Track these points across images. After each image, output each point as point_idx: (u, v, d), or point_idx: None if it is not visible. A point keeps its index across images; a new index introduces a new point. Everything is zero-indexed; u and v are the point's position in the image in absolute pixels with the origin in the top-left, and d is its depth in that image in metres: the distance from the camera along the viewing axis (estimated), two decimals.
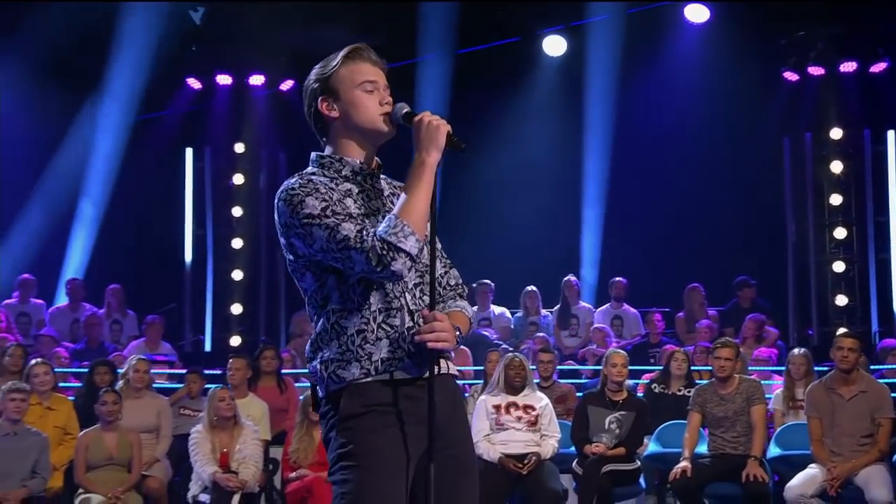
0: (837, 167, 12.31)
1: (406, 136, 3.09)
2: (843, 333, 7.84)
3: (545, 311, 12.09)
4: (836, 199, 12.29)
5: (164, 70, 12.35)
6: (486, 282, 12.07)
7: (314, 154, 3.15)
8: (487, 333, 11.59)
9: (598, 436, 7.87)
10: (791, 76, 12.40)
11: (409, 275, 3.04)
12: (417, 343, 3.00)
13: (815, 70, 12.22)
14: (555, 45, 13.27)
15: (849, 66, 12.16)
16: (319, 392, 3.08)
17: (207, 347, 12.82)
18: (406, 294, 3.07)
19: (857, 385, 7.50)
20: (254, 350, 10.03)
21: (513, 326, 12.01)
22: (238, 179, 12.96)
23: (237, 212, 12.91)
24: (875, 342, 11.28)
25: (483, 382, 9.01)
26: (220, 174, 13.09)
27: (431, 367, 3.03)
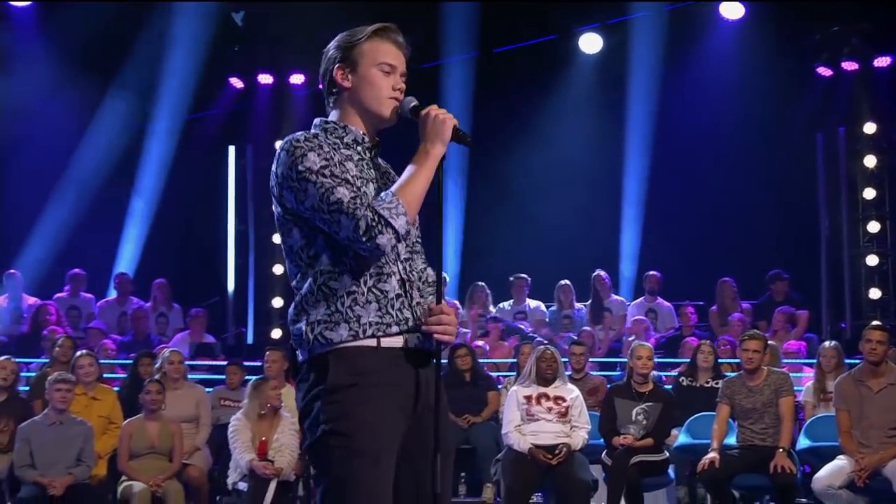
0: (871, 161, 12.18)
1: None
2: (872, 326, 7.71)
3: (579, 305, 12.04)
4: (870, 194, 12.16)
5: (209, 70, 12.46)
6: (523, 276, 12.09)
7: (318, 119, 3.11)
8: (523, 326, 11.59)
9: (626, 427, 7.82)
10: (824, 71, 12.26)
11: (400, 247, 3.01)
12: (424, 331, 2.97)
13: (849, 65, 12.09)
14: (591, 43, 13.20)
15: (883, 62, 12.04)
16: (300, 356, 2.98)
17: (249, 340, 12.90)
18: (399, 262, 3.02)
19: (886, 377, 7.40)
20: None
21: (547, 320, 11.98)
22: None
23: (278, 208, 12.91)
24: None
25: (516, 374, 8.99)
26: (262, 171, 13.10)
27: (438, 357, 3.02)
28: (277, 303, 12.79)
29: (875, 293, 11.97)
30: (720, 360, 9.17)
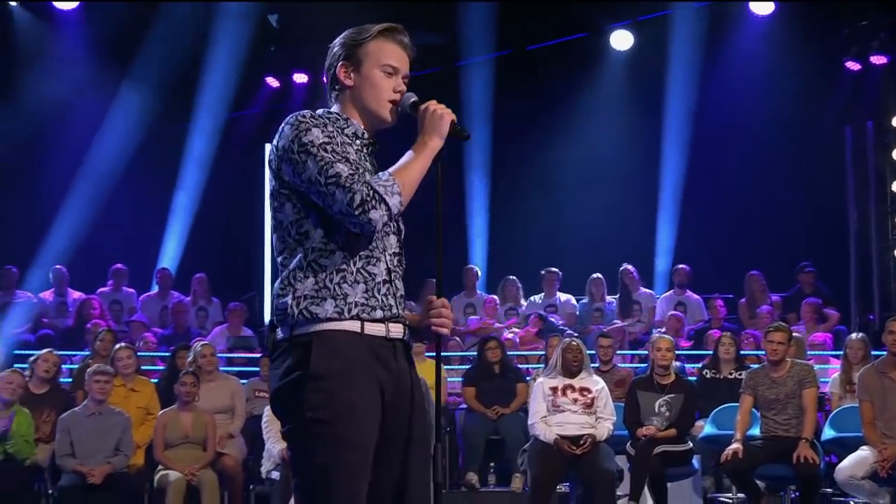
0: None
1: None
2: (895, 318, 7.64)
3: (610, 298, 12.00)
4: None
5: (247, 70, 12.54)
6: (553, 270, 12.07)
7: (321, 110, 3.08)
8: (554, 319, 11.56)
9: (649, 419, 7.78)
10: (853, 66, 12.10)
11: (391, 240, 3.00)
12: (417, 324, 2.98)
13: (878, 59, 11.90)
14: (622, 40, 13.14)
15: None
16: (280, 333, 2.93)
17: None
18: (387, 252, 2.99)
19: None
20: None
21: (578, 313, 11.94)
22: None
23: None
24: None
25: (544, 366, 8.96)
26: None
27: (438, 350, 3.02)
28: None
29: None
30: (746, 353, 9.10)
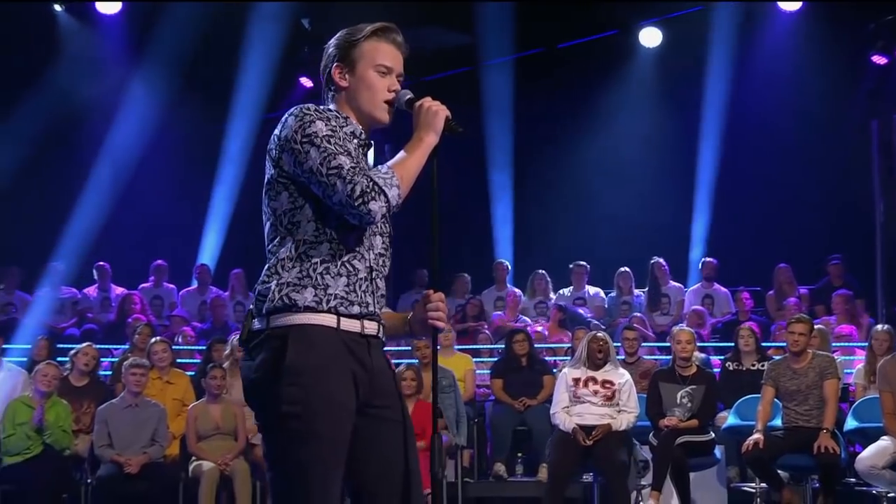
0: None
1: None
2: None
3: (638, 291, 11.93)
4: None
5: (281, 71, 12.58)
6: (582, 263, 12.03)
7: (320, 107, 3.02)
8: (583, 312, 11.51)
9: (671, 410, 7.73)
10: (879, 59, 11.91)
11: (377, 241, 2.98)
12: (411, 318, 2.99)
13: None
14: (651, 37, 13.07)
15: None
16: (257, 324, 2.90)
17: None
18: (372, 251, 2.97)
19: None
20: None
21: (606, 306, 11.88)
22: None
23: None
24: None
25: (570, 358, 8.94)
26: None
27: (434, 342, 3.02)
28: None
29: None
30: (769, 345, 9.01)
